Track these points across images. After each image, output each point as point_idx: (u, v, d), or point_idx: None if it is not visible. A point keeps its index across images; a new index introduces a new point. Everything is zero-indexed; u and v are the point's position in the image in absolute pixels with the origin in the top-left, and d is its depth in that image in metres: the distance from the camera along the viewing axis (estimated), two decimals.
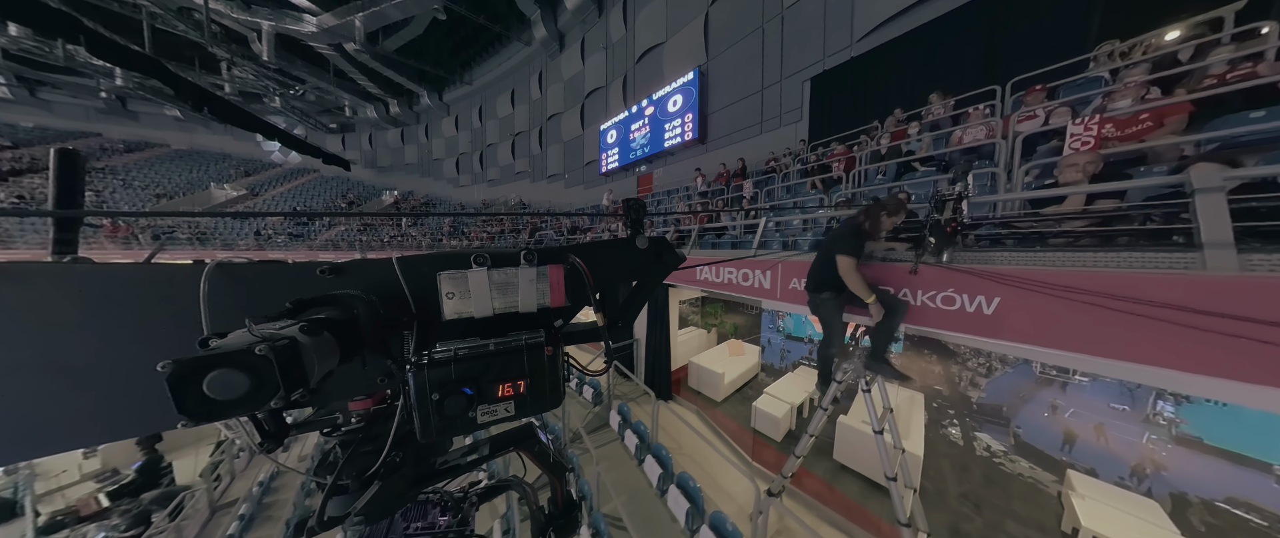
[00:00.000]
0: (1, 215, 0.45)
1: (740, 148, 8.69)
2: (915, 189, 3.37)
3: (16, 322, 0.51)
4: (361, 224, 18.83)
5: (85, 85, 17.13)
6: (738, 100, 8.81)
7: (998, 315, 1.75)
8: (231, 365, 0.41)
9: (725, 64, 9.12)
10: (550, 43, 15.63)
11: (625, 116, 12.12)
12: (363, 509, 0.66)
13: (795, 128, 7.47)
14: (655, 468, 3.26)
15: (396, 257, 0.68)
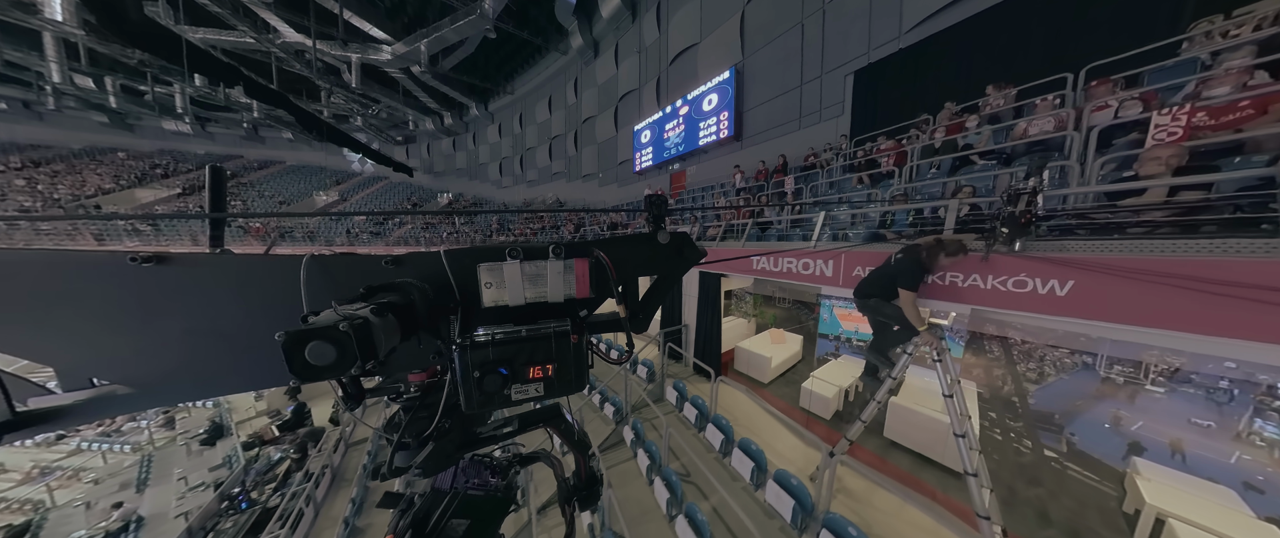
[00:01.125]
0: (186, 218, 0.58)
1: (777, 144, 8.57)
2: (973, 182, 3.33)
3: (192, 297, 0.63)
4: (424, 223, 20.54)
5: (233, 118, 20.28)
6: (775, 97, 8.66)
7: (1072, 296, 1.81)
8: (323, 338, 0.46)
9: (762, 61, 8.96)
10: (586, 51, 15.97)
11: (659, 117, 12.23)
12: (420, 464, 0.72)
13: (836, 123, 7.27)
14: (716, 434, 3.54)
15: (444, 250, 0.71)
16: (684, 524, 2.85)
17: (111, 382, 0.63)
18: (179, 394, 0.67)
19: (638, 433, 4.07)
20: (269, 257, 0.65)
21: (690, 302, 5.17)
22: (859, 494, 2.93)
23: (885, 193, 3.91)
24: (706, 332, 4.84)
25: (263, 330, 0.51)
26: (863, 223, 3.93)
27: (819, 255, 3.22)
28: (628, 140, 14.24)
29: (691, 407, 3.94)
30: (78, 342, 0.60)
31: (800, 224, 4.75)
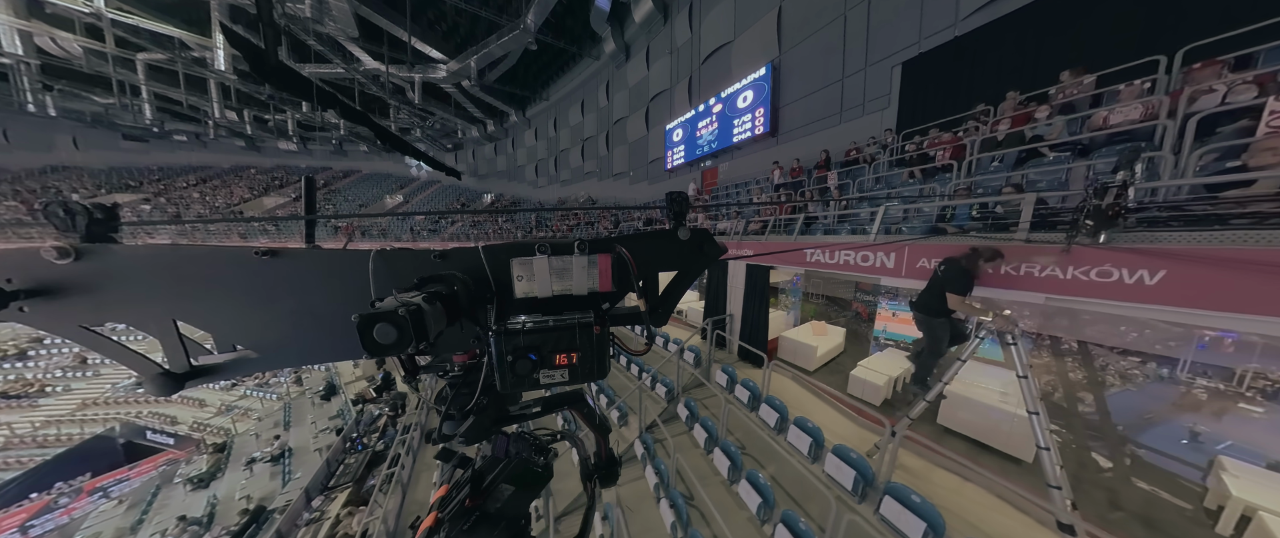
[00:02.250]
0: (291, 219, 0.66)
1: (816, 139, 8.32)
2: (1042, 176, 3.18)
3: (294, 283, 0.71)
4: (472, 221, 21.95)
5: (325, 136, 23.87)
6: (814, 92, 8.38)
7: (1163, 285, 1.78)
8: (387, 321, 0.50)
9: (800, 56, 8.66)
10: (617, 55, 16.09)
11: (691, 115, 12.17)
12: (463, 433, 0.76)
13: (881, 116, 6.95)
14: (771, 413, 3.70)
15: (481, 245, 0.74)
16: (747, 487, 3.09)
17: (246, 347, 0.74)
18: (288, 360, 0.76)
19: (691, 410, 4.33)
20: (346, 251, 0.71)
21: (736, 293, 5.30)
22: (918, 472, 3.00)
23: (944, 187, 3.80)
24: (753, 320, 4.96)
25: (343, 312, 0.57)
26: (917, 217, 3.85)
27: (880, 248, 3.24)
28: (659, 139, 14.30)
29: (743, 388, 4.12)
30: (226, 315, 0.71)
31: (848, 219, 4.70)
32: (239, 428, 11.40)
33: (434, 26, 17.34)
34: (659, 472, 3.64)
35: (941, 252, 2.81)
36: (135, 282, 0.64)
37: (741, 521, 3.05)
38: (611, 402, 5.11)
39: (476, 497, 0.70)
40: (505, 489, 0.71)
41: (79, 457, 10.82)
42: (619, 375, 6.10)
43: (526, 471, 0.73)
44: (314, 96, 1.73)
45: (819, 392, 4.28)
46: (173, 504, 8.72)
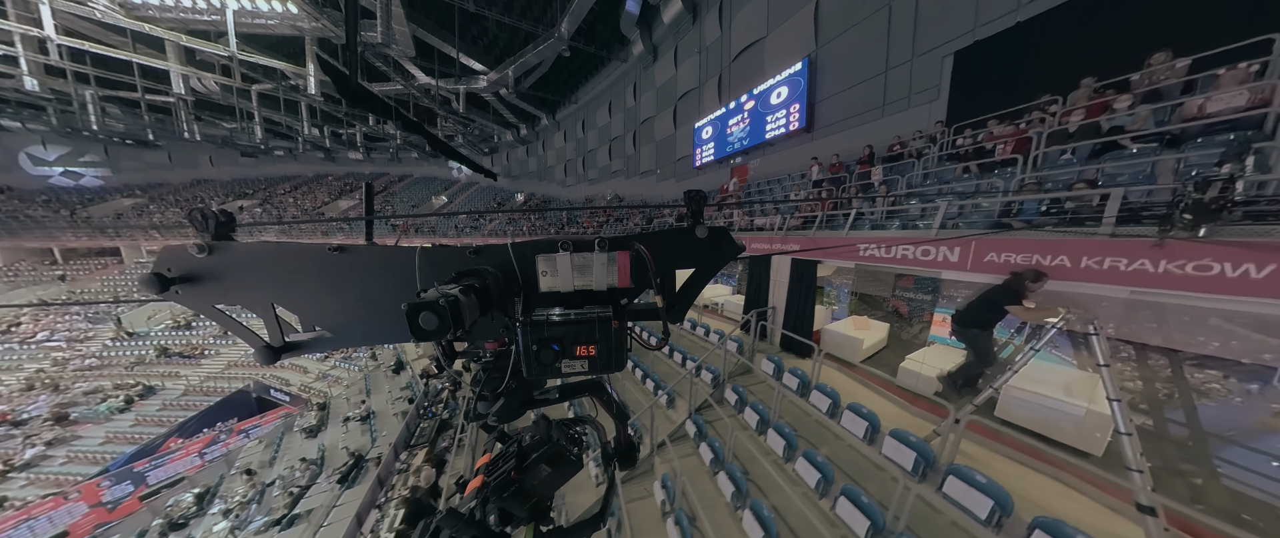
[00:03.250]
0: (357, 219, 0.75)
1: (856, 133, 8.03)
2: (1122, 170, 3.01)
3: (357, 275, 0.76)
4: (508, 219, 23.04)
5: (384, 145, 26.16)
6: (853, 86, 8.06)
7: (1271, 278, 1.72)
8: (430, 310, 0.53)
9: (839, 49, 8.33)
10: (645, 56, 16.09)
11: (722, 113, 12.03)
12: (495, 412, 0.79)
13: (929, 108, 6.60)
14: (822, 399, 3.79)
15: (510, 242, 0.77)
16: (804, 465, 3.23)
17: (322, 328, 0.81)
18: (353, 340, 0.82)
19: (740, 395, 4.50)
20: (397, 247, 0.76)
21: (779, 287, 5.36)
22: (978, 458, 3.01)
23: (1007, 182, 3.66)
24: (798, 313, 5.01)
25: (395, 300, 0.62)
26: (975, 212, 3.74)
27: (943, 242, 3.22)
28: (687, 137, 14.25)
29: (792, 376, 4.23)
30: (307, 301, 0.78)
31: (897, 215, 4.61)
32: (333, 392, 13.21)
33: (477, 41, 18.28)
34: (713, 449, 3.83)
35: (1009, 247, 2.77)
36: (246, 272, 0.73)
37: (799, 494, 3.15)
38: (659, 386, 5.39)
39: (519, 471, 0.74)
40: (543, 469, 0.75)
41: (228, 405, 13.90)
42: (662, 361, 6.32)
43: (563, 456, 0.76)
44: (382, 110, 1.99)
45: (867, 382, 4.31)
46: (294, 448, 10.68)
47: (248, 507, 8.74)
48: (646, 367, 6.01)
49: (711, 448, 3.82)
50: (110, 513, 9.71)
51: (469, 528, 0.67)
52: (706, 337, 6.33)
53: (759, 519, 2.90)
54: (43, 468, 11.32)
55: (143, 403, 13.93)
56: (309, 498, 8.14)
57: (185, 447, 11.72)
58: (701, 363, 5.30)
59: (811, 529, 2.87)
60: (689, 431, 4.40)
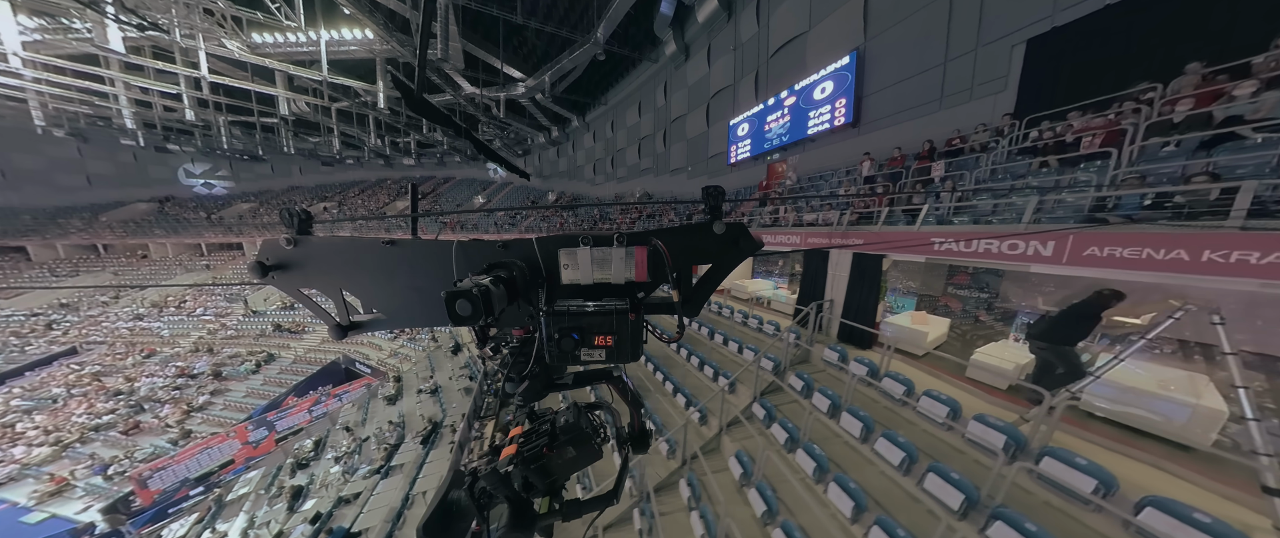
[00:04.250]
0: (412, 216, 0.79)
1: (908, 128, 7.72)
2: (1243, 161, 2.84)
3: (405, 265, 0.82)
4: (542, 215, 23.93)
5: (432, 151, 29.29)
6: (907, 78, 7.72)
7: None
8: (464, 298, 0.57)
9: (891, 42, 7.98)
10: (677, 56, 15.99)
11: (759, 109, 11.85)
12: (520, 393, 0.83)
13: (994, 101, 6.25)
14: (895, 386, 3.81)
15: (536, 237, 0.79)
16: (885, 444, 3.29)
17: (378, 311, 0.88)
18: (402, 322, 0.89)
19: (806, 381, 4.64)
20: (437, 241, 0.82)
21: (838, 281, 5.39)
22: (1068, 445, 3.03)
23: (1102, 176, 3.52)
24: (858, 306, 5.04)
25: (436, 288, 0.67)
26: (1058, 207, 3.62)
27: (1033, 236, 3.19)
28: (721, 135, 14.14)
29: (859, 364, 4.33)
30: (366, 287, 0.85)
31: (965, 210, 4.51)
32: (403, 367, 14.62)
33: (517, 50, 18.98)
34: (787, 429, 3.97)
35: (1115, 241, 2.73)
36: (321, 261, 0.82)
37: (882, 471, 3.26)
38: (717, 373, 5.63)
39: (550, 449, 0.77)
40: (569, 452, 0.78)
41: (325, 373, 16.57)
42: (719, 351, 6.51)
43: (589, 444, 0.79)
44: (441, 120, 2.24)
45: (936, 373, 4.32)
46: (378, 412, 12.27)
47: (352, 456, 10.14)
48: (704, 355, 6.26)
49: (784, 428, 3.99)
50: (254, 450, 12.36)
51: (504, 487, 0.73)
52: (759, 329, 6.47)
53: (846, 491, 3.05)
54: (209, 412, 14.34)
55: (267, 367, 16.97)
56: (399, 455, 9.27)
57: (298, 404, 14.07)
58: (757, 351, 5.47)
59: (900, 502, 3.01)
60: (757, 412, 4.58)
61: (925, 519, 2.77)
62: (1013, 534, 2.25)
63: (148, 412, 13.93)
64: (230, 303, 21.77)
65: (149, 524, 9.92)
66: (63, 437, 12.67)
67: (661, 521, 3.77)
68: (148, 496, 10.31)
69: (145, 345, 18.16)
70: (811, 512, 3.22)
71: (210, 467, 11.50)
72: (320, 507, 8.46)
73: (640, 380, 6.67)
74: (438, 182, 33.46)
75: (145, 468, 10.64)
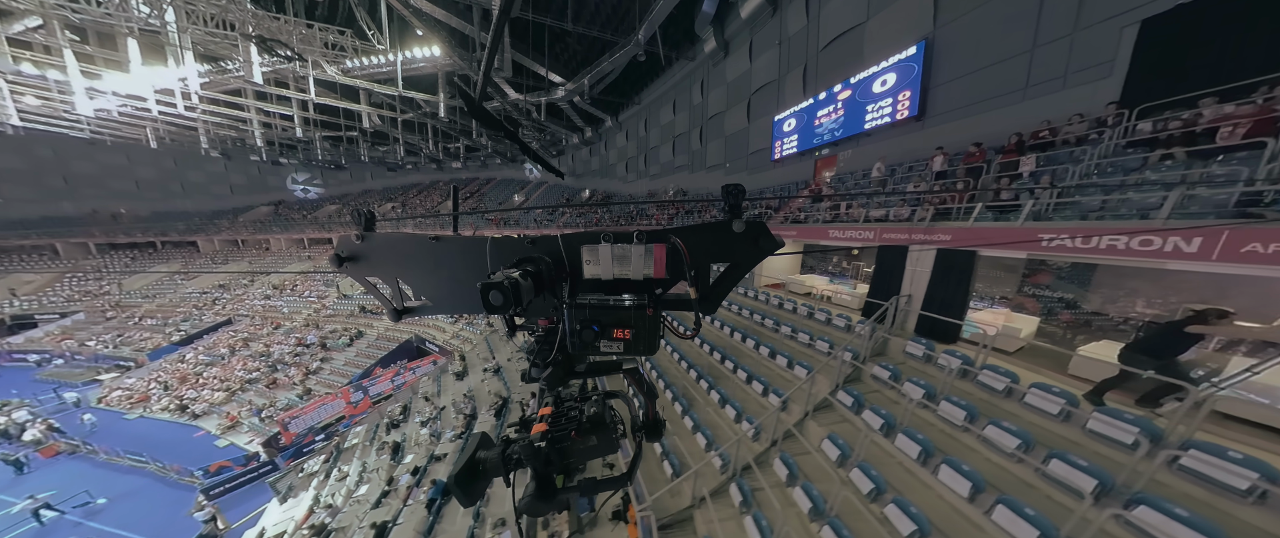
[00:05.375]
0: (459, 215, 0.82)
1: (983, 120, 7.27)
2: None
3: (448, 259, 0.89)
4: (577, 212, 24.66)
5: (476, 154, 31.38)
6: (985, 67, 7.22)
7: None
8: (496, 289, 0.61)
9: (966, 28, 7.45)
10: (716, 53, 15.69)
11: (808, 104, 11.48)
12: (544, 378, 0.86)
13: (1093, 88, 5.75)
14: (997, 378, 3.71)
15: (560, 234, 0.81)
16: (996, 432, 3.24)
17: (426, 298, 0.96)
18: (446, 308, 0.96)
19: (893, 372, 4.56)
20: (474, 237, 0.87)
21: (919, 277, 5.33)
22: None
23: (1254, 168, 3.27)
24: (942, 301, 4.97)
25: (473, 279, 0.70)
26: (1191, 201, 3.41)
27: (1172, 232, 3.07)
28: (764, 131, 13.85)
29: (952, 357, 4.17)
30: (416, 277, 0.93)
31: (1068, 205, 4.31)
32: (465, 348, 16.58)
33: (559, 56, 19.48)
34: (881, 415, 3.99)
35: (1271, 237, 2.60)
36: (381, 254, 0.90)
37: (997, 458, 3.20)
38: (791, 363, 5.73)
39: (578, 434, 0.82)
40: (592, 440, 0.82)
41: (401, 350, 18.87)
42: (789, 341, 6.57)
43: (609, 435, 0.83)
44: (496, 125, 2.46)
45: (1034, 369, 4.23)
46: (449, 386, 13.63)
47: (434, 422, 11.47)
48: (773, 345, 6.37)
49: (879, 415, 4.04)
50: (355, 409, 14.44)
51: (535, 460, 0.77)
52: (828, 323, 6.52)
53: (961, 472, 3.09)
54: (320, 375, 17.15)
55: (358, 342, 19.77)
56: (477, 424, 10.35)
57: (383, 374, 16.27)
58: (832, 343, 5.57)
59: (1014, 486, 3.03)
60: (845, 400, 4.55)
61: (1046, 503, 2.79)
62: (1160, 518, 2.26)
63: (280, 372, 17.27)
64: (327, 288, 25.17)
65: (293, 459, 12.30)
66: (230, 386, 16.28)
67: (758, 495, 3.96)
68: (289, 436, 12.65)
69: (273, 319, 22.24)
70: (922, 492, 3.32)
71: (328, 420, 13.73)
72: (417, 462, 9.71)
73: (711, 367, 6.81)
74: (481, 183, 35.26)
75: (285, 415, 13.06)
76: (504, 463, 0.78)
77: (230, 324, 22.50)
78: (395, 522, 7.56)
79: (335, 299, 23.57)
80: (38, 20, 12.35)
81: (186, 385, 16.58)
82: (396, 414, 12.86)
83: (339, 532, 8.41)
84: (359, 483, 10.18)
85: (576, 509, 5.46)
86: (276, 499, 10.71)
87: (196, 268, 27.65)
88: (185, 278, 26.02)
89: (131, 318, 23.19)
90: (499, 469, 0.78)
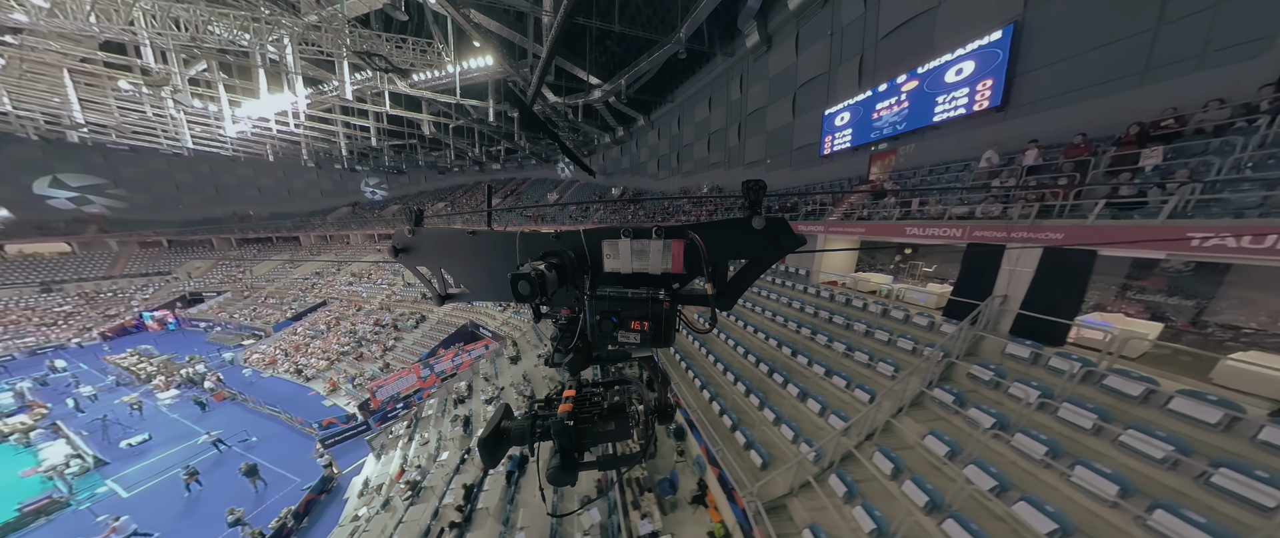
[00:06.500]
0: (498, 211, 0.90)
1: (1080, 109, 6.55)
2: None
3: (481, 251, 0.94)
4: (610, 209, 25.05)
5: (514, 156, 33.04)
6: (1090, 50, 6.47)
7: None
8: (524, 279, 0.64)
9: (1065, 9, 6.68)
10: (759, 47, 15.11)
11: (866, 97, 10.85)
12: (566, 363, 0.90)
13: (1237, 69, 5.02)
14: (1129, 384, 3.44)
15: (583, 228, 0.85)
16: (1138, 437, 3.01)
17: (464, 287, 1.05)
18: (481, 296, 1.04)
19: (998, 373, 4.30)
20: (505, 232, 0.92)
21: (1020, 277, 5.00)
22: None
23: None
24: (1049, 302, 4.64)
25: (504, 270, 0.72)
26: None
27: None
28: (810, 125, 13.27)
29: (1069, 362, 3.89)
30: (456, 267, 1.01)
31: (1213, 202, 3.86)
32: (515, 334, 17.77)
33: (597, 58, 19.60)
34: (992, 414, 3.82)
35: None
36: (429, 247, 0.99)
37: (1136, 463, 3.00)
38: (872, 360, 5.61)
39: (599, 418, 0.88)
40: (610, 425, 0.87)
41: (458, 334, 20.59)
42: (865, 339, 6.40)
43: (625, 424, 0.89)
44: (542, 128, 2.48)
45: (1170, 377, 3.87)
46: (505, 369, 14.77)
47: (497, 400, 12.44)
48: (849, 342, 6.26)
49: (988, 413, 3.89)
50: (424, 383, 15.63)
51: (564, 436, 0.82)
52: (906, 320, 6.27)
53: (1102, 475, 2.95)
54: (395, 352, 18.88)
55: (423, 325, 20.93)
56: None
57: (445, 355, 17.78)
58: (916, 341, 5.40)
59: (1166, 493, 2.83)
60: (943, 398, 4.39)
61: (1215, 514, 2.58)
62: None
63: (364, 347, 19.55)
64: (395, 276, 27.95)
65: (382, 422, 13.99)
66: (329, 356, 18.56)
67: (862, 486, 3.93)
68: (376, 402, 14.28)
69: (356, 302, 25.15)
70: (1050, 491, 3.17)
71: (406, 391, 15.30)
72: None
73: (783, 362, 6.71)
74: (517, 182, 36.71)
75: (372, 384, 14.87)
76: (531, 433, 0.84)
77: (325, 305, 25.56)
78: (480, 487, 8.36)
79: (402, 286, 25.80)
80: (203, 65, 16.15)
81: (299, 353, 19.41)
82: (463, 391, 14.00)
83: (429, 490, 9.43)
84: (438, 450, 11.29)
85: (660, 492, 5.78)
86: (372, 455, 12.13)
87: (299, 258, 33.19)
88: (292, 266, 31.32)
89: (259, 297, 27.80)
90: (524, 437, 0.85)
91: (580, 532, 5.46)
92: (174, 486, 10.23)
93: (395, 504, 9.18)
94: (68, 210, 30.21)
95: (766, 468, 4.72)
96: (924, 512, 3.44)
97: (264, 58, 14.08)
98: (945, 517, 3.23)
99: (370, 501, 9.98)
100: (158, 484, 10.50)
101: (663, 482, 5.92)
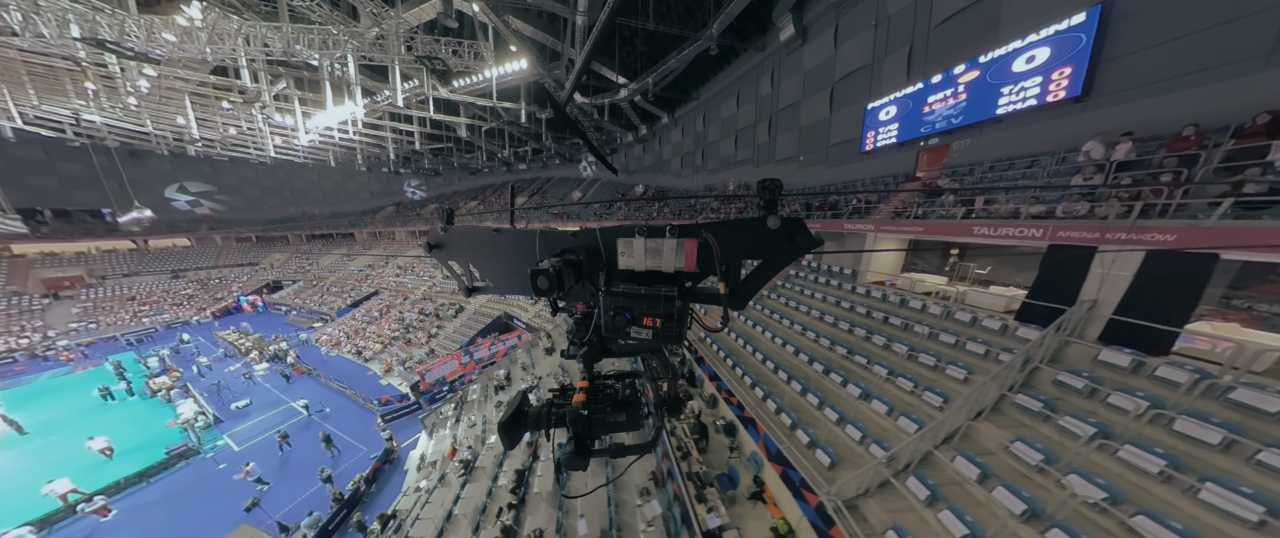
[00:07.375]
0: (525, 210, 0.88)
1: (1181, 98, 5.87)
2: None
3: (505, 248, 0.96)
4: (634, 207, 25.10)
5: (539, 156, 33.61)
6: (1201, 30, 5.73)
7: None
8: (543, 274, 0.66)
9: None
10: (793, 41, 14.47)
11: (916, 89, 10.20)
12: (580, 356, 0.92)
13: None
14: (1267, 400, 3.12)
15: (599, 227, 0.86)
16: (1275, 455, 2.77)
17: (488, 280, 1.09)
18: (503, 290, 1.09)
19: (1094, 381, 4.00)
20: (525, 230, 0.96)
21: (1111, 281, 4.66)
22: None
23: None
24: (1151, 309, 4.28)
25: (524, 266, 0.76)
26: None
27: None
28: (851, 120, 12.66)
29: (1183, 372, 3.60)
30: (481, 262, 1.06)
31: None
32: (547, 326, 18.37)
33: (625, 57, 19.43)
34: (1091, 424, 3.61)
35: None
36: (458, 243, 1.06)
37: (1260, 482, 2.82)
38: (940, 361, 5.40)
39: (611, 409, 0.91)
40: (621, 417, 0.90)
41: (495, 324, 21.69)
42: (929, 342, 6.17)
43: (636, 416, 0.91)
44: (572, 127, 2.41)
45: None
46: (541, 361, 15.24)
47: (535, 390, 12.99)
48: (911, 344, 6.04)
49: (1085, 422, 3.68)
50: (465, 369, 16.51)
51: (578, 424, 0.86)
52: (973, 324, 5.98)
53: (1240, 494, 2.73)
54: (438, 339, 19.99)
55: (463, 314, 21.93)
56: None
57: (483, 343, 18.97)
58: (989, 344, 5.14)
59: None
60: (1029, 405, 4.15)
61: None
62: None
63: (411, 333, 21.05)
64: (434, 269, 29.96)
65: (431, 402, 15.08)
66: (383, 340, 20.01)
67: (946, 491, 3.81)
68: (425, 385, 15.37)
69: (402, 292, 27.16)
70: (1171, 508, 2.95)
71: (452, 376, 16.33)
72: None
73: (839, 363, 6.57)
74: (542, 181, 37.69)
75: (421, 367, 16.03)
76: (547, 419, 0.88)
77: (377, 294, 27.58)
78: (530, 470, 8.82)
79: (441, 279, 27.44)
80: (284, 83, 18.32)
81: (358, 337, 21.05)
82: (502, 379, 14.69)
83: (481, 469, 10.05)
84: (485, 432, 11.98)
85: (720, 487, 5.87)
86: (424, 433, 13.20)
87: (355, 252, 36.23)
88: (349, 259, 34.81)
89: (325, 286, 30.90)
90: (540, 423, 0.89)
91: (643, 522, 5.62)
92: (270, 445, 11.68)
93: (450, 480, 9.88)
94: (186, 212, 36.27)
95: (834, 467, 4.69)
96: (1021, 520, 3.28)
97: (331, 72, 15.34)
98: (1048, 526, 3.09)
99: (428, 474, 10.79)
100: (259, 443, 12.07)
101: (722, 477, 6.00)
